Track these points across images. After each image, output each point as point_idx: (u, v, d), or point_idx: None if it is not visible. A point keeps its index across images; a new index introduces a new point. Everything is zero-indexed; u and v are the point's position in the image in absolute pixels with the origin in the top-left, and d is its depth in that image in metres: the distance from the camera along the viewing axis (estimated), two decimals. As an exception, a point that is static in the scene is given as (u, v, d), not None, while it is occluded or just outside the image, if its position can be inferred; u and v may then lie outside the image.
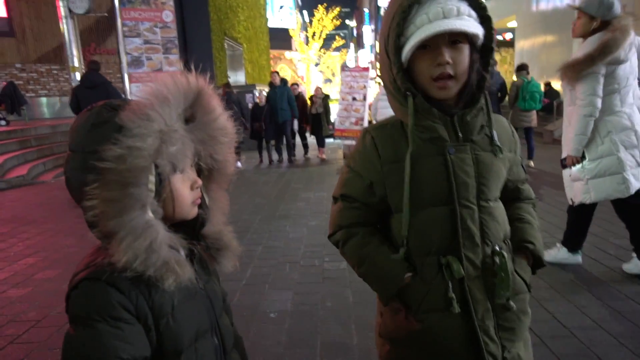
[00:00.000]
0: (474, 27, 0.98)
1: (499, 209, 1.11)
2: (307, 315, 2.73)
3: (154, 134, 0.74)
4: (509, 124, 1.17)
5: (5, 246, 4.12)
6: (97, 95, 5.56)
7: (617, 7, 2.77)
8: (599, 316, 2.57)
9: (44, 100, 14.78)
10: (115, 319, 0.76)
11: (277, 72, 10.11)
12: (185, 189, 0.85)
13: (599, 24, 2.77)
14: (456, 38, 0.98)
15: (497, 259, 1.03)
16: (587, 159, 2.92)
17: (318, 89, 11.03)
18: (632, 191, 2.81)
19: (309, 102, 10.85)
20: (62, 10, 8.64)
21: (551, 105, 13.54)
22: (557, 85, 15.98)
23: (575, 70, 2.80)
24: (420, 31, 0.96)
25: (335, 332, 2.50)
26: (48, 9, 14.09)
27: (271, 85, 9.87)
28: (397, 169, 1.05)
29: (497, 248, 1.06)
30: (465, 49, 1.00)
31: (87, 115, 0.80)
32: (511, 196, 1.20)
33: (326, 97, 10.99)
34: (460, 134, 1.04)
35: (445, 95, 1.02)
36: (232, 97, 9.31)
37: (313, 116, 10.56)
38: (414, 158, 1.02)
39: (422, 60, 1.00)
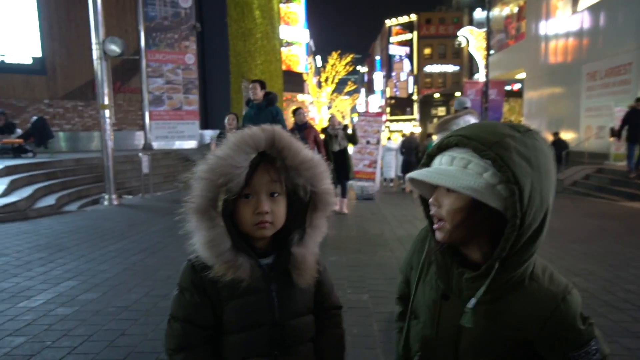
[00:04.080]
0: (442, 179, 0.93)
1: None
2: (335, 340, 2.94)
3: (221, 170, 1.03)
4: (553, 307, 0.96)
5: (46, 270, 4.38)
6: None
7: (462, 105, 5.30)
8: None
9: (67, 134, 15.38)
10: (188, 291, 1.11)
11: (261, 82, 6.51)
12: (247, 213, 1.07)
13: (454, 112, 5.17)
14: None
15: None
16: None
17: (334, 119, 8.64)
18: None
19: (322, 136, 8.39)
20: (96, 53, 9.20)
21: (559, 155, 13.85)
22: (566, 136, 16.39)
23: (436, 130, 5.25)
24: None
25: (363, 355, 2.71)
26: (78, 49, 14.92)
27: (249, 103, 6.55)
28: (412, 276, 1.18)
29: None
30: (451, 199, 0.95)
31: None
32: None
33: (346, 128, 8.82)
34: (452, 286, 1.03)
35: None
36: None
37: (335, 155, 8.14)
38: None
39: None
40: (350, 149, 11.03)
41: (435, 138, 5.95)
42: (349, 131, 8.82)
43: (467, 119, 5.18)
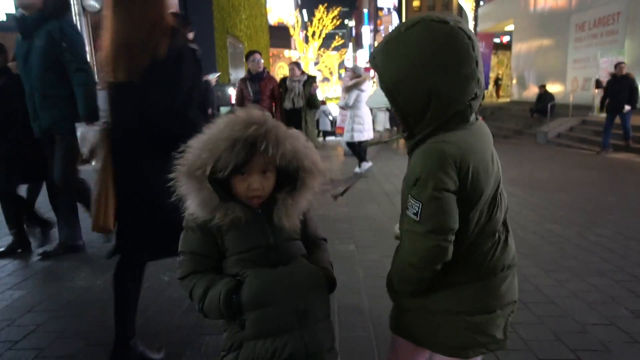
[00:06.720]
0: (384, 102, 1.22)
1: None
2: (322, 286, 3.10)
3: (206, 146, 1.18)
4: None
5: None
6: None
7: (359, 71, 7.60)
8: (577, 288, 2.98)
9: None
10: (191, 229, 1.26)
11: None
12: (241, 188, 1.23)
13: (355, 75, 7.41)
14: None
15: None
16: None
17: (294, 68, 7.19)
18: (355, 140, 7.54)
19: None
20: (75, 8, 8.95)
21: (545, 107, 13.95)
22: (552, 88, 16.43)
23: (346, 90, 7.36)
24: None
25: (349, 298, 2.88)
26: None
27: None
28: None
29: None
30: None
31: None
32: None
33: (311, 79, 7.29)
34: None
35: None
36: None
37: (287, 112, 6.82)
38: None
39: None
40: (336, 108, 10.86)
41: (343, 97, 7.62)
42: (315, 88, 7.62)
43: (368, 82, 7.42)
